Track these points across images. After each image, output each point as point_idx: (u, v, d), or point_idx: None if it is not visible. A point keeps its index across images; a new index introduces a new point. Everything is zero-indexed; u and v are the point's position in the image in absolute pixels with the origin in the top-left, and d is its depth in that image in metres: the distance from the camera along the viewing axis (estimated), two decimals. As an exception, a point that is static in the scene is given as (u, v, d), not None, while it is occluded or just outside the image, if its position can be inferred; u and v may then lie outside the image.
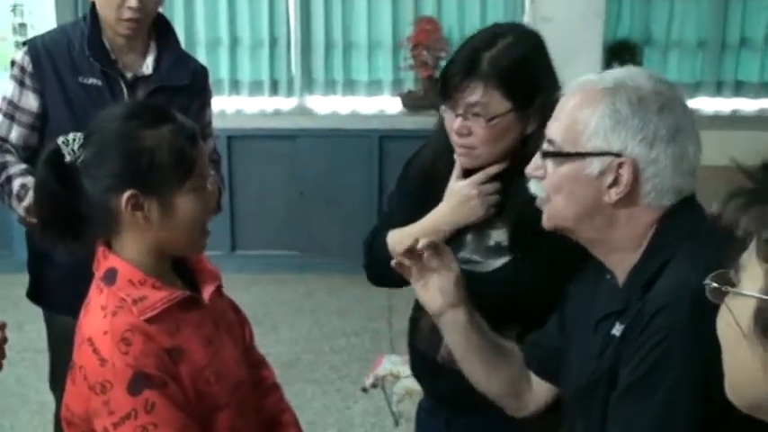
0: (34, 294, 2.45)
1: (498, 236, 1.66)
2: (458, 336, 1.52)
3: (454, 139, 1.61)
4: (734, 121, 4.97)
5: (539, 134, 1.52)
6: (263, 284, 4.78)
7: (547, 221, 1.36)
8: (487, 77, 1.54)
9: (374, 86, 5.17)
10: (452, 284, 1.50)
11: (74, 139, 1.40)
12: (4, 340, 1.56)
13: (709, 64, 5.10)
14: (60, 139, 1.41)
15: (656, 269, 1.23)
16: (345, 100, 5.16)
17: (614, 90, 1.26)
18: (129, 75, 2.28)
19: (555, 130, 1.31)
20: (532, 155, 1.47)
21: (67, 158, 1.39)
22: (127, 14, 2.19)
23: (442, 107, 1.63)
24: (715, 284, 0.76)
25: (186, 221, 1.42)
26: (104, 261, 1.43)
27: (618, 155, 1.24)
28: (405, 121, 4.84)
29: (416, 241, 1.49)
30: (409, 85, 5.10)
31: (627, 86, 1.26)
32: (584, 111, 1.27)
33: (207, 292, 1.50)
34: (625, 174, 1.25)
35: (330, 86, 5.17)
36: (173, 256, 1.50)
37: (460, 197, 1.64)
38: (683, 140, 1.25)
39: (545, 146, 1.33)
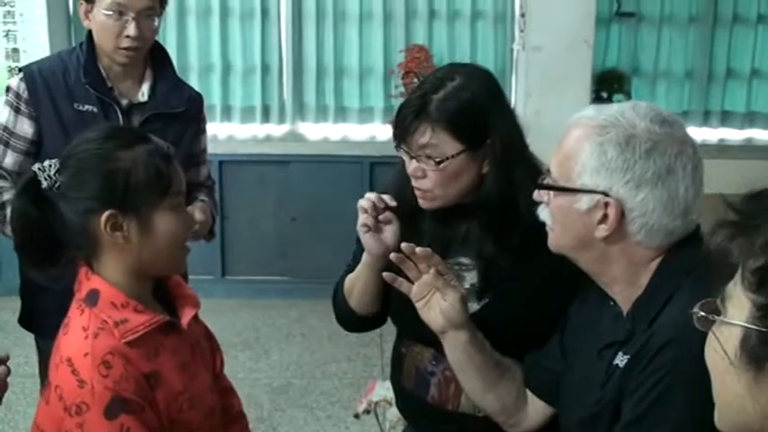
0: (26, 321, 2.45)
1: (472, 277, 1.65)
2: (459, 354, 1.53)
3: (412, 182, 1.60)
4: (720, 150, 5.02)
5: (496, 173, 1.55)
6: (254, 309, 4.78)
7: (552, 246, 1.38)
8: (435, 121, 1.53)
9: (365, 113, 5.20)
10: (455, 306, 1.50)
11: (50, 166, 1.41)
12: (7, 373, 1.55)
13: (696, 94, 5.16)
14: (36, 166, 1.42)
15: (661, 304, 1.24)
16: (337, 126, 5.19)
17: (604, 129, 1.26)
18: (124, 102, 2.30)
19: (553, 162, 1.34)
20: (489, 195, 1.50)
21: (44, 185, 1.40)
22: (125, 43, 2.21)
23: (399, 150, 1.61)
24: (702, 313, 0.78)
25: (166, 239, 1.43)
26: (86, 282, 1.43)
27: (605, 194, 1.25)
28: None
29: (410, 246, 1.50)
30: (400, 112, 5.12)
31: (619, 125, 1.26)
32: (577, 146, 1.28)
33: (186, 317, 1.51)
34: (611, 213, 1.25)
35: (321, 113, 5.20)
36: (153, 278, 1.50)
37: (359, 233, 1.66)
38: (673, 182, 1.24)
39: (546, 175, 1.36)
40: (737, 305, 0.73)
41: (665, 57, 5.14)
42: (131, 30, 2.19)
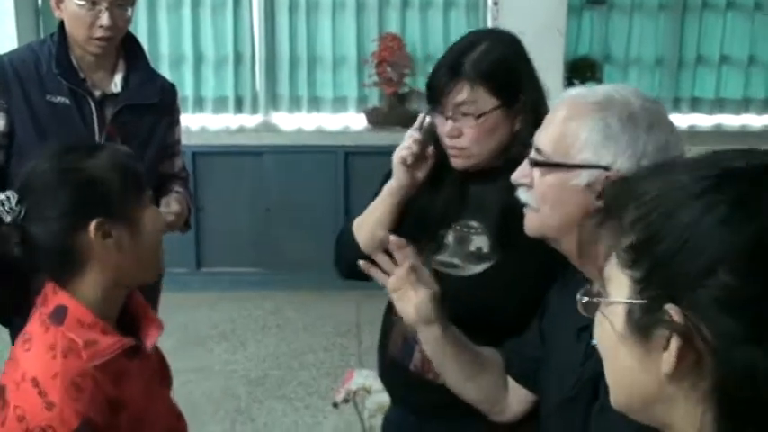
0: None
1: (479, 241, 1.69)
2: (433, 348, 1.54)
3: (446, 142, 1.66)
4: (691, 136, 5.08)
5: (527, 132, 1.57)
6: (230, 301, 4.76)
7: (530, 229, 1.37)
8: (472, 77, 1.60)
9: (339, 103, 5.20)
10: (428, 302, 1.50)
11: (8, 198, 1.34)
12: None
13: (666, 80, 5.22)
14: None
15: None
16: (310, 116, 5.18)
17: (605, 105, 1.27)
18: (97, 93, 2.27)
19: (544, 139, 1.33)
20: (520, 153, 1.51)
21: (8, 219, 1.33)
22: (98, 33, 2.19)
23: (432, 113, 1.68)
24: (586, 298, 0.82)
25: (154, 237, 1.43)
26: (53, 297, 1.37)
27: (606, 168, 1.26)
28: (370, 138, 4.87)
29: (387, 236, 1.53)
30: (374, 101, 5.13)
31: (617, 102, 1.27)
32: (574, 123, 1.28)
33: (150, 340, 1.46)
34: None
35: (295, 103, 5.19)
36: (126, 294, 1.45)
37: (393, 163, 1.70)
38: (669, 157, 1.25)
39: (533, 154, 1.35)
40: (617, 284, 0.76)
41: (636, 44, 5.19)
42: (105, 19, 2.16)
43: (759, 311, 0.67)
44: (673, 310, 0.70)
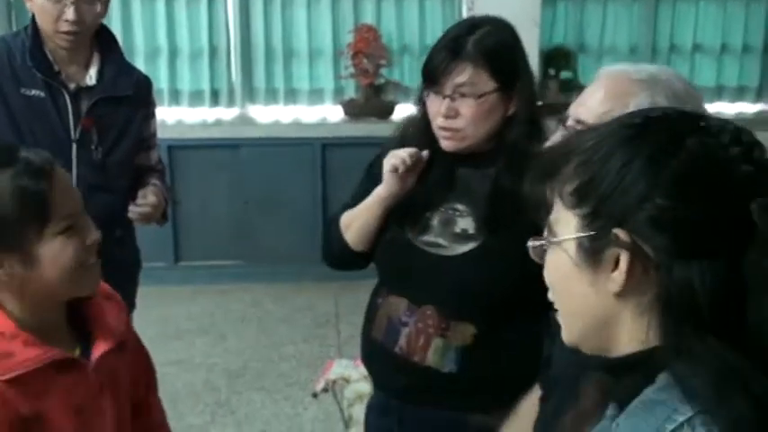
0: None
1: (465, 223, 1.70)
2: None
3: (440, 123, 1.67)
4: (665, 123, 5.13)
5: (523, 117, 1.64)
6: (209, 295, 4.75)
7: None
8: (475, 57, 1.63)
9: (316, 95, 5.19)
10: None
11: None
12: None
13: (640, 69, 5.26)
14: None
15: None
16: (287, 109, 5.17)
17: (652, 83, 1.29)
18: (72, 86, 2.26)
19: (587, 111, 1.33)
20: (514, 137, 1.57)
21: None
22: (64, 27, 2.18)
23: (426, 93, 1.70)
24: (535, 243, 0.92)
25: (57, 269, 1.26)
26: None
27: None
28: (347, 129, 4.88)
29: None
30: (350, 92, 5.14)
31: (663, 81, 1.30)
32: (620, 99, 1.29)
33: (97, 350, 1.34)
34: None
35: (271, 95, 5.18)
36: (64, 303, 1.35)
37: (384, 170, 1.72)
38: None
39: (572, 124, 1.35)
40: (564, 225, 0.87)
41: (611, 33, 5.24)
42: (70, 14, 2.15)
43: (686, 227, 0.78)
44: (620, 232, 0.81)
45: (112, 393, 1.39)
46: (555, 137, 1.39)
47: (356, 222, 1.79)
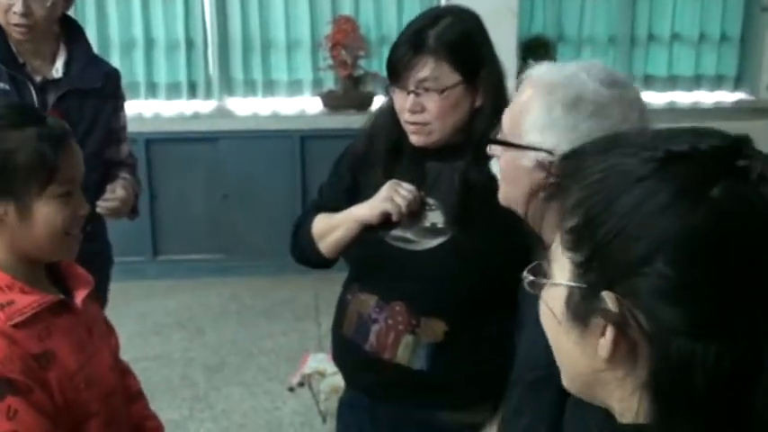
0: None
1: (434, 217, 1.69)
2: None
3: (406, 118, 1.65)
4: (645, 113, 5.14)
5: (489, 110, 1.61)
6: (188, 289, 4.72)
7: (501, 200, 1.37)
8: (436, 51, 1.60)
9: (294, 87, 5.16)
10: None
11: None
12: None
13: (619, 59, 5.26)
14: None
15: None
16: (265, 101, 5.13)
17: (554, 87, 1.26)
18: (38, 78, 2.23)
19: (504, 117, 1.33)
20: (481, 129, 1.53)
21: None
22: (14, 20, 2.16)
23: (391, 88, 1.67)
24: (531, 277, 0.80)
25: (47, 228, 1.38)
26: None
27: (550, 152, 1.25)
28: (326, 121, 4.85)
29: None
30: (329, 84, 5.10)
31: (568, 85, 1.26)
32: (527, 103, 1.28)
33: (79, 296, 1.47)
34: (555, 171, 1.26)
35: (250, 87, 5.14)
36: (42, 261, 1.46)
37: (380, 194, 1.67)
38: None
39: (498, 129, 1.35)
40: (560, 266, 0.75)
41: (589, 23, 5.23)
42: (18, 6, 2.14)
43: (697, 303, 0.65)
44: (609, 298, 0.69)
45: (100, 337, 1.52)
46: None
47: (331, 236, 1.75)
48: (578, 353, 0.74)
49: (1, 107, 1.44)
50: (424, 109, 1.62)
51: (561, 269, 0.74)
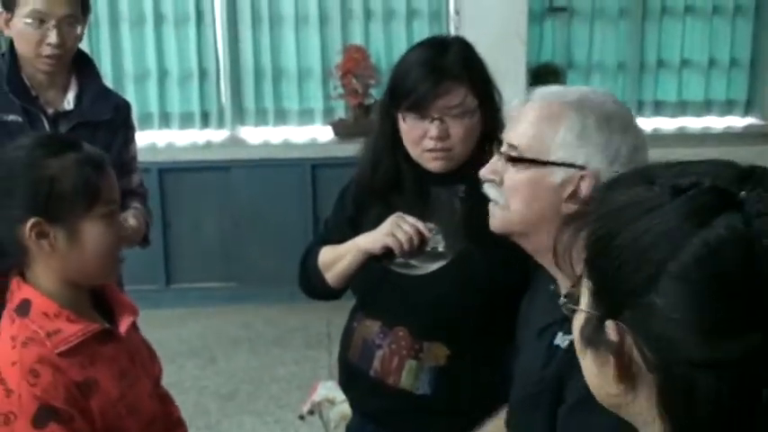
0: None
1: (434, 242, 1.69)
2: None
3: (428, 146, 1.64)
4: (655, 139, 5.13)
5: (494, 133, 1.61)
6: (200, 317, 4.73)
7: (495, 225, 1.37)
8: (459, 77, 1.62)
9: (305, 115, 5.20)
10: None
11: None
12: None
13: (629, 85, 5.27)
14: None
15: None
16: (277, 130, 5.17)
17: (581, 105, 1.29)
18: (50, 111, 2.26)
19: (518, 136, 1.33)
20: (486, 154, 1.51)
21: None
22: (47, 51, 2.18)
23: (402, 117, 1.65)
24: (565, 301, 0.82)
25: (95, 249, 1.43)
26: (18, 292, 1.43)
27: (582, 167, 1.27)
28: (337, 149, 4.87)
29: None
30: (340, 113, 5.14)
31: (593, 103, 1.29)
32: (550, 122, 1.29)
33: (124, 325, 1.51)
34: (585, 187, 1.26)
35: (261, 116, 5.18)
36: (88, 286, 1.49)
37: (383, 228, 1.67)
38: (641, 161, 1.27)
39: (505, 150, 1.34)
40: (583, 293, 0.77)
41: (598, 50, 5.25)
42: (53, 38, 2.15)
43: (693, 334, 0.66)
44: (610, 328, 0.71)
45: (142, 365, 1.56)
46: (491, 163, 1.38)
47: (338, 266, 1.75)
48: (599, 379, 0.77)
49: (36, 137, 1.50)
50: (449, 135, 1.63)
51: (584, 296, 0.77)
